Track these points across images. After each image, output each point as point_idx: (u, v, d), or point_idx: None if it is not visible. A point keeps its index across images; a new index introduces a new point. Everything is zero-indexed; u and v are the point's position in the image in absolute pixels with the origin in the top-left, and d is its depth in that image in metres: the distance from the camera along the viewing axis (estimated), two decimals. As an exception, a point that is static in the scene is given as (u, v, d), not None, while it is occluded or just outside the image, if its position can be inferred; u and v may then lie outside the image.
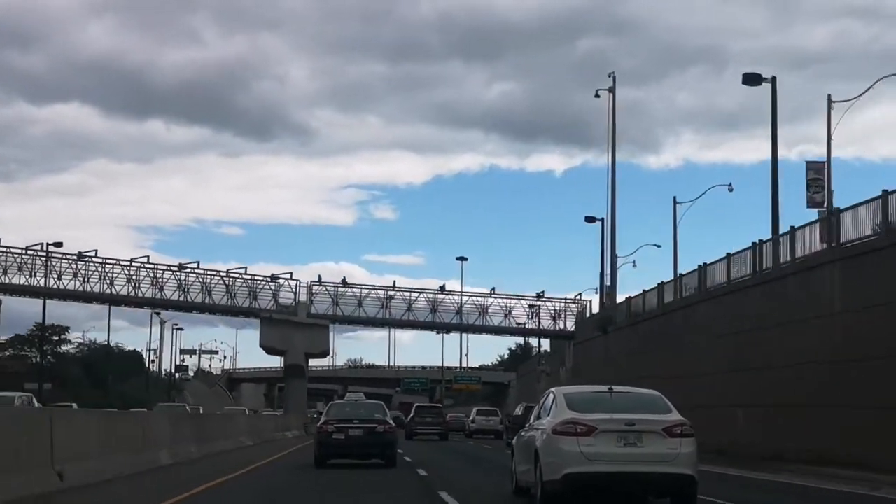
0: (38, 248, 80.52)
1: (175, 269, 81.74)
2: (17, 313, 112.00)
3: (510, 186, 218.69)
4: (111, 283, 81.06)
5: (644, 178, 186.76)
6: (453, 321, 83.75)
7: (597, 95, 65.42)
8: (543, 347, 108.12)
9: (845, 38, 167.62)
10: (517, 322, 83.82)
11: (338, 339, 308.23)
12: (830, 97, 40.21)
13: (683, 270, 52.68)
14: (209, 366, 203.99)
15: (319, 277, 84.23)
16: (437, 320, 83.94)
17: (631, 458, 15.58)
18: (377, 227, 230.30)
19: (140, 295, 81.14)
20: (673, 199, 64.77)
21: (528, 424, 18.11)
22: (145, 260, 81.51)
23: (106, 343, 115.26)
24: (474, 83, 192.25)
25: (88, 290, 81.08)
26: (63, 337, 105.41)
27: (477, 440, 59.38)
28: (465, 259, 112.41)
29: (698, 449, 16.29)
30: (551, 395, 17.39)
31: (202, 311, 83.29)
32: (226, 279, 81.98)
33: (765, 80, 43.14)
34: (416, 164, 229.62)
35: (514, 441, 19.22)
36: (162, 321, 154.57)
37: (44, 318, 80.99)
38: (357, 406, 30.36)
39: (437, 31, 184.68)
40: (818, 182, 40.83)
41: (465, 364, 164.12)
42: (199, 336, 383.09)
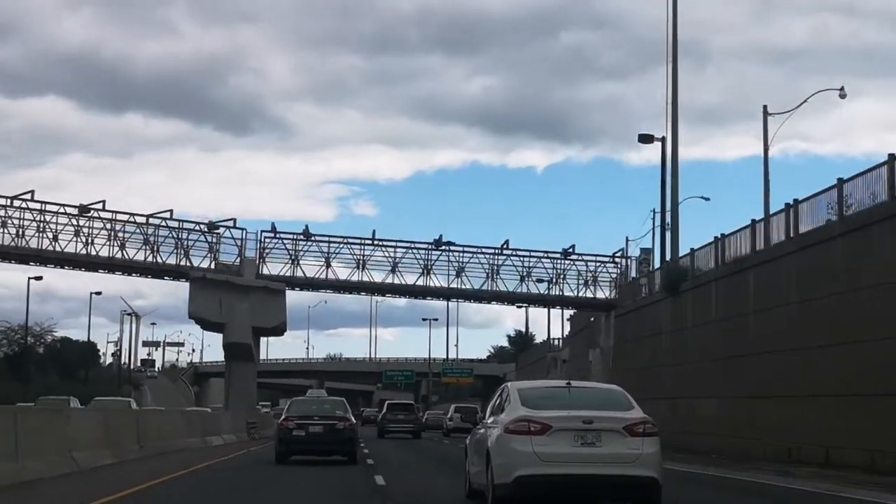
0: None
1: (74, 213, 60.23)
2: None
3: (492, 182, 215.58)
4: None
5: (626, 175, 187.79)
6: (452, 285, 62.71)
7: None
8: (553, 334, 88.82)
9: (824, 33, 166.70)
10: (536, 286, 62.78)
11: (315, 338, 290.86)
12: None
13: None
14: (177, 359, 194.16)
15: (273, 227, 63.10)
16: (430, 284, 62.91)
17: (588, 458, 14.42)
18: (358, 224, 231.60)
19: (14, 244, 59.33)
20: (763, 109, 48.95)
21: (482, 422, 17.21)
22: (28, 197, 59.71)
23: (25, 326, 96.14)
24: (455, 77, 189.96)
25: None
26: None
27: (455, 438, 54.51)
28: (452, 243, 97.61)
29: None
30: (506, 390, 16.12)
31: (110, 269, 61.59)
32: (144, 227, 60.61)
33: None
34: (397, 160, 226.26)
35: (467, 440, 17.81)
36: (125, 311, 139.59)
37: None
38: (318, 402, 30.76)
39: (416, 24, 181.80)
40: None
41: (454, 356, 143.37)
42: (174, 328, 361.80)
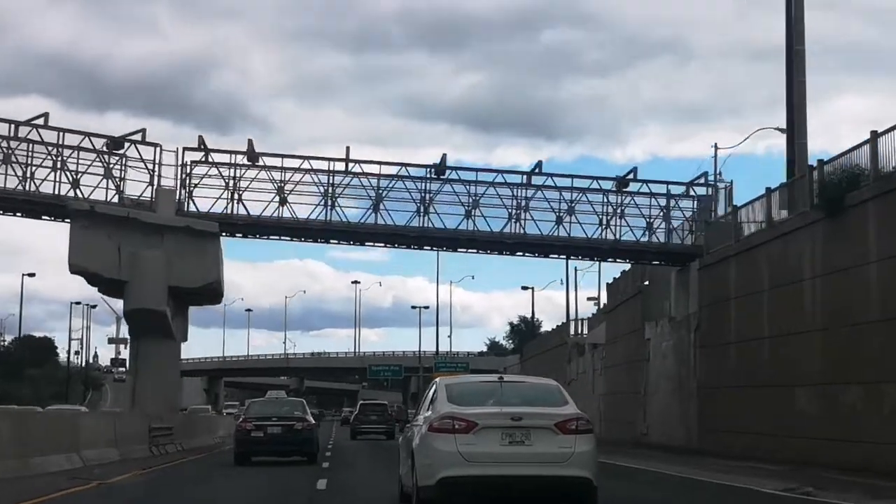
0: None
1: None
2: None
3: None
4: None
5: (610, 172, 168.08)
6: (460, 227, 43.32)
7: None
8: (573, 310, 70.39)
9: (808, 30, 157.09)
10: (582, 229, 43.39)
11: (300, 339, 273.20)
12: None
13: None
14: None
15: (202, 141, 43.50)
16: (428, 225, 43.51)
17: (517, 458, 13.74)
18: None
19: None
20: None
21: (412, 420, 16.18)
22: None
23: None
24: (439, 75, 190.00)
25: None
26: None
27: None
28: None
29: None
30: (434, 386, 15.20)
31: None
32: (8, 142, 40.93)
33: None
34: (381, 158, 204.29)
35: (400, 440, 17.20)
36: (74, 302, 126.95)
37: None
38: (276, 403, 30.76)
39: (399, 22, 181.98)
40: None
41: (444, 349, 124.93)
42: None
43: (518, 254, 44.90)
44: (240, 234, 43.69)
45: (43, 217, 42.65)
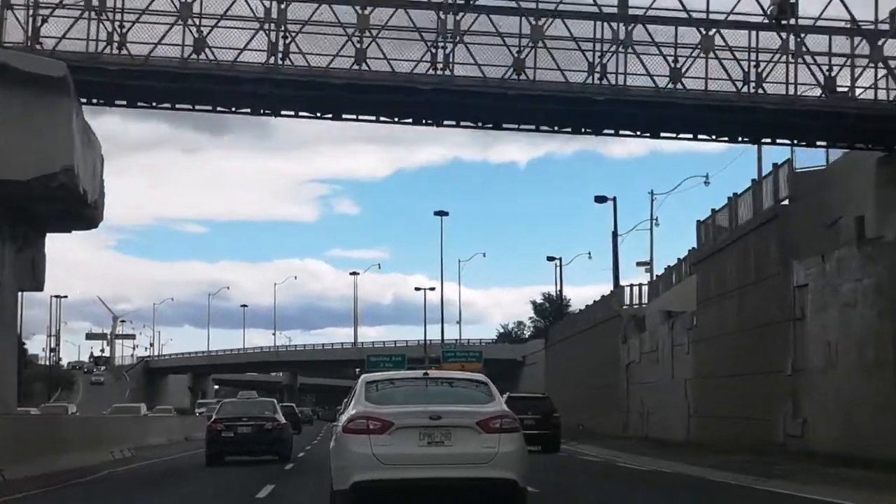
0: None
1: None
2: None
3: (474, 179, 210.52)
4: None
5: (610, 167, 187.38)
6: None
7: None
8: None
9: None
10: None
11: (299, 338, 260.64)
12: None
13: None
14: (132, 354, 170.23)
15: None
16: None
17: (435, 460, 12.79)
18: (340, 223, 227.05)
19: None
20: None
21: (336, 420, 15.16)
22: None
23: None
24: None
25: None
26: None
27: None
28: (446, 213, 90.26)
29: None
30: (357, 382, 14.37)
31: None
32: None
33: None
34: (378, 158, 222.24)
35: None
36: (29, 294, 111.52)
37: None
38: (247, 404, 31.20)
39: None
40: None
41: (452, 337, 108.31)
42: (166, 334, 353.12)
43: (606, 132, 26.24)
44: (113, 100, 24.96)
45: None
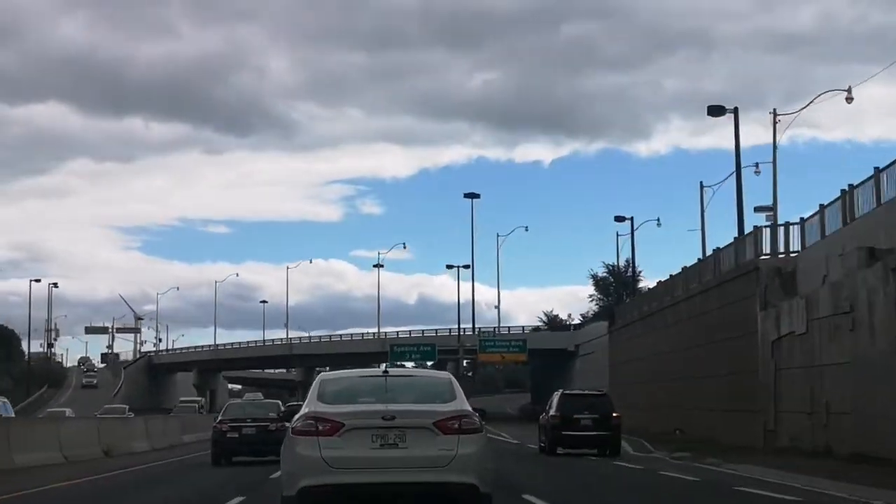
0: None
1: None
2: None
3: (498, 178, 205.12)
4: None
5: (635, 166, 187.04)
6: None
7: None
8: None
9: (830, 19, 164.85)
10: None
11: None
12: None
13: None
14: (139, 350, 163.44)
15: None
16: None
17: (389, 463, 12.26)
18: (364, 223, 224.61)
19: None
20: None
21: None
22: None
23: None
24: (457, 72, 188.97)
25: None
26: None
27: None
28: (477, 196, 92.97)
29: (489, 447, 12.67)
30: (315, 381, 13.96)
31: None
32: None
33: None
34: (402, 157, 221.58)
35: None
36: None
37: None
38: (252, 406, 32.99)
39: (416, 19, 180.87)
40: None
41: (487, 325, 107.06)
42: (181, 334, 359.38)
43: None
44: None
45: None
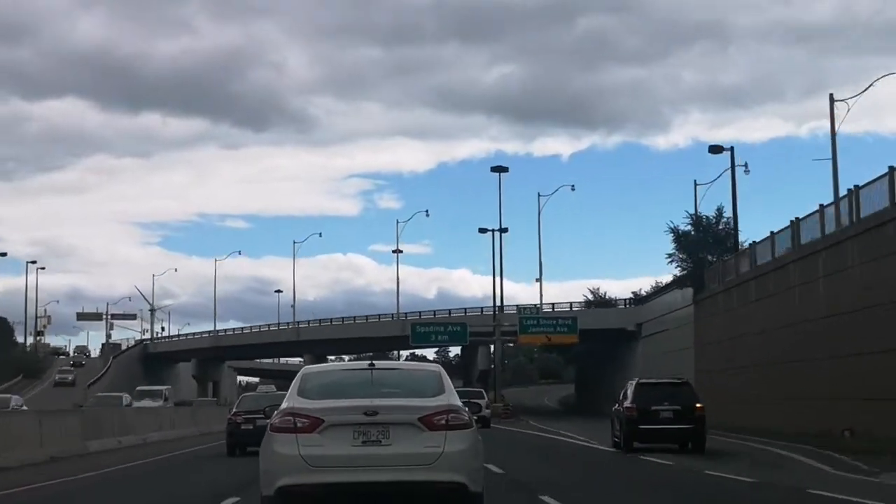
0: None
1: None
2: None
3: (516, 172, 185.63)
4: None
5: (654, 159, 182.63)
6: None
7: None
8: None
9: (849, 11, 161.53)
10: None
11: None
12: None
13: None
14: (141, 337, 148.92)
15: None
16: None
17: (371, 461, 11.62)
18: (383, 217, 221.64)
19: None
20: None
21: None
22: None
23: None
24: (473, 66, 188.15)
25: None
26: None
27: None
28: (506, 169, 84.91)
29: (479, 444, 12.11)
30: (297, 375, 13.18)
31: None
32: None
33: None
34: (419, 152, 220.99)
35: None
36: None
37: None
38: (266, 398, 32.92)
39: (432, 13, 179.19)
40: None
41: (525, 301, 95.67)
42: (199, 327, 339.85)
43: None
44: None
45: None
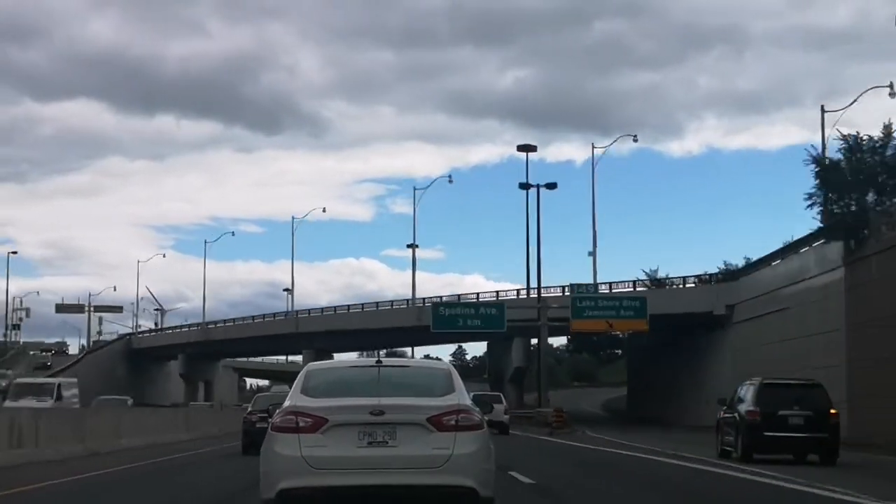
0: None
1: None
2: None
3: (531, 177, 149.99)
4: None
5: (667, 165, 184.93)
6: None
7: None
8: None
9: (866, 16, 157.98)
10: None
11: None
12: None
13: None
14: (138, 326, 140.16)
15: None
16: None
17: (377, 463, 11.04)
18: (396, 222, 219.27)
19: None
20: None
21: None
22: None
23: None
24: (487, 70, 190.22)
25: None
26: None
27: None
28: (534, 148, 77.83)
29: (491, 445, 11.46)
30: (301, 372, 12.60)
31: None
32: None
33: None
34: (433, 156, 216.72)
35: None
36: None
37: None
38: (279, 398, 35.26)
39: (445, 16, 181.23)
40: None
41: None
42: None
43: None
44: None
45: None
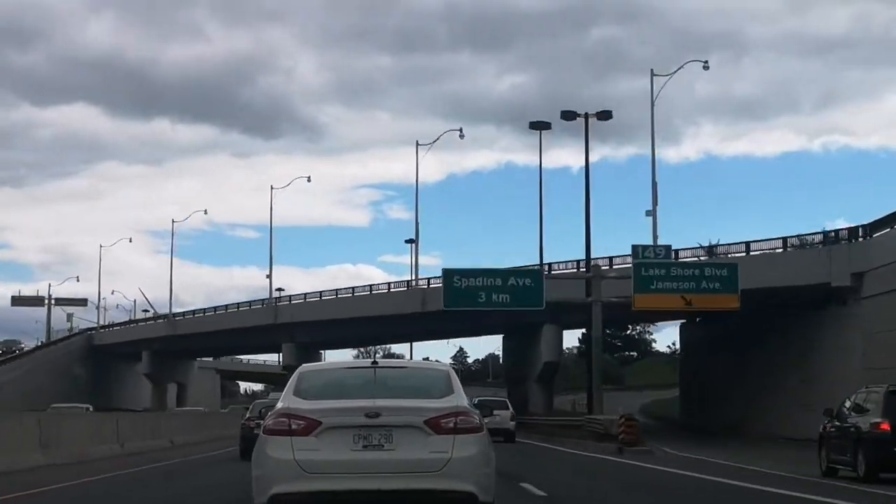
0: None
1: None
2: None
3: (527, 184, 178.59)
4: None
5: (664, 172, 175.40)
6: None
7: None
8: None
9: (865, 21, 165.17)
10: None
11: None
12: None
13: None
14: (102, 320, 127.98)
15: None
16: None
17: (373, 467, 10.71)
18: (392, 228, 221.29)
19: None
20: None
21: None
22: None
23: None
24: (484, 75, 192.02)
25: None
26: None
27: None
28: (548, 126, 67.71)
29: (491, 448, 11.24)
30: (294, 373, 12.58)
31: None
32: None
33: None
34: (430, 162, 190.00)
35: None
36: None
37: None
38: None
39: (442, 21, 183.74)
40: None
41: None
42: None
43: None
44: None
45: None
